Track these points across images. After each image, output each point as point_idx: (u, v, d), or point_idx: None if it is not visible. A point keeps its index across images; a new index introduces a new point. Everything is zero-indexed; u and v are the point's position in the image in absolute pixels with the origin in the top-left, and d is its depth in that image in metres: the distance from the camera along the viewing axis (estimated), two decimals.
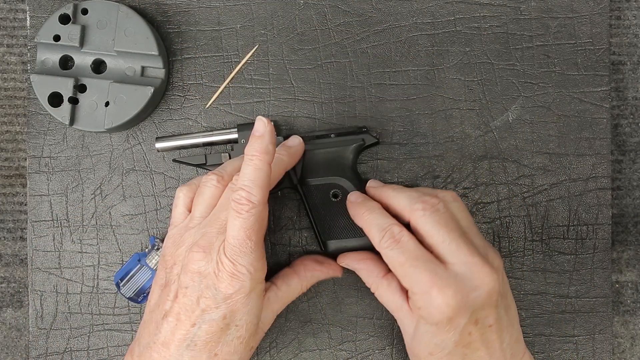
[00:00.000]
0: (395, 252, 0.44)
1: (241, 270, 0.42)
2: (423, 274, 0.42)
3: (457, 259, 0.42)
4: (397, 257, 0.43)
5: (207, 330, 0.42)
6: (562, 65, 0.54)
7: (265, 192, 0.42)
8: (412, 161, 0.54)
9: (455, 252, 0.43)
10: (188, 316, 0.42)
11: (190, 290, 0.43)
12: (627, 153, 0.58)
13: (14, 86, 0.58)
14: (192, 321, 0.42)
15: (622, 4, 0.57)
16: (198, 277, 0.42)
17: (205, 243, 0.43)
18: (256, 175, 0.42)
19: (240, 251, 0.41)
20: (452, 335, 0.42)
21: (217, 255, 0.42)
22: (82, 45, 0.51)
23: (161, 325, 0.43)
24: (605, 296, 0.54)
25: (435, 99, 0.54)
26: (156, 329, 0.44)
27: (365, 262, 0.48)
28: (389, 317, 0.54)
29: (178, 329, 0.43)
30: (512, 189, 0.54)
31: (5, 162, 0.58)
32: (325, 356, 0.54)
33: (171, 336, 0.43)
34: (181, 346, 0.42)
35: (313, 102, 0.54)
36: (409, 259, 0.43)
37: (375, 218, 0.46)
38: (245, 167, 0.42)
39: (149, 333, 0.44)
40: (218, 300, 0.42)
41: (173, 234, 0.47)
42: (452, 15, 0.54)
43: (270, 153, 0.43)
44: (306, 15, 0.54)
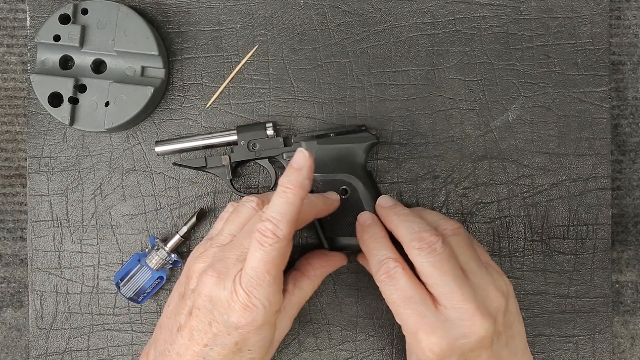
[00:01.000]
0: (388, 288, 0.44)
1: (255, 303, 0.40)
2: (411, 317, 0.42)
3: (450, 303, 0.42)
4: (389, 293, 0.44)
5: (219, 352, 0.42)
6: (562, 65, 0.54)
7: (292, 227, 0.41)
8: (412, 161, 0.54)
9: (447, 296, 0.42)
10: (201, 337, 0.42)
11: (202, 313, 0.42)
12: (627, 153, 0.58)
13: (14, 86, 0.58)
14: (204, 342, 0.42)
15: (622, 4, 0.57)
16: (210, 303, 0.42)
17: (221, 268, 0.42)
18: (286, 208, 0.40)
19: (257, 283, 0.40)
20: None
21: (232, 283, 0.41)
22: (82, 45, 0.51)
23: (176, 337, 0.43)
24: (605, 296, 0.54)
25: (435, 99, 0.54)
26: (171, 339, 0.44)
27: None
28: (389, 317, 0.54)
29: (191, 345, 0.42)
30: (512, 189, 0.54)
31: (5, 162, 0.58)
32: (325, 356, 0.54)
33: (185, 350, 0.43)
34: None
35: (313, 102, 0.54)
36: (400, 297, 0.43)
37: (374, 248, 0.46)
38: (276, 198, 0.41)
39: (165, 340, 0.44)
40: (229, 328, 0.41)
41: (200, 245, 0.46)
42: (452, 15, 0.54)
43: (305, 188, 0.41)
44: (306, 15, 0.54)
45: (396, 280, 0.43)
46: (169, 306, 0.46)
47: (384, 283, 0.44)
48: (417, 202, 0.54)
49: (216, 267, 0.42)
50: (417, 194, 0.54)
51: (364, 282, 0.54)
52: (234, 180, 0.53)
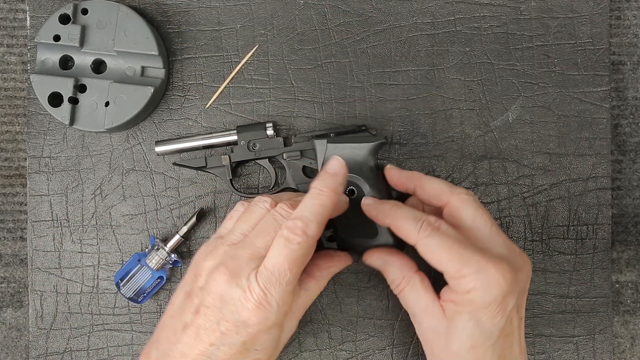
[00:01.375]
0: (437, 239, 0.43)
1: (270, 302, 0.40)
2: (475, 254, 0.42)
3: (497, 242, 0.44)
4: (441, 242, 0.43)
5: (226, 352, 0.41)
6: (562, 65, 0.54)
7: (320, 229, 0.41)
8: (412, 161, 0.54)
9: (494, 237, 0.44)
10: (208, 335, 0.42)
11: (211, 312, 0.42)
12: (627, 153, 0.58)
13: (14, 86, 0.58)
14: (211, 341, 0.41)
15: (622, 4, 0.57)
16: (220, 301, 0.41)
17: (233, 266, 0.42)
18: (319, 210, 0.41)
19: (276, 281, 0.40)
20: (499, 320, 0.42)
21: (246, 281, 0.41)
22: (82, 45, 0.51)
23: (180, 336, 0.43)
24: (605, 296, 0.54)
25: (435, 99, 0.54)
26: (175, 338, 0.43)
27: (397, 257, 0.47)
28: (389, 317, 0.54)
29: (197, 344, 0.42)
30: (512, 189, 0.54)
31: (5, 162, 0.58)
32: (325, 356, 0.54)
33: (190, 350, 0.42)
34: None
35: (313, 102, 0.54)
36: (456, 241, 0.43)
37: (405, 211, 0.45)
38: (310, 199, 0.42)
39: (168, 340, 0.43)
40: (239, 327, 0.41)
41: (209, 242, 0.46)
42: (452, 15, 0.54)
43: (338, 193, 0.42)
44: (306, 15, 0.54)
45: (443, 229, 0.43)
46: (173, 305, 0.45)
47: (431, 237, 0.43)
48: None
49: (228, 265, 0.42)
50: None
51: (364, 282, 0.54)
52: (234, 180, 0.53)
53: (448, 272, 0.43)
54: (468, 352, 0.43)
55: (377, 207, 0.47)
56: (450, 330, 0.44)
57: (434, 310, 0.44)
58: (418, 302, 0.45)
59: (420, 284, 0.45)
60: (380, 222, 0.47)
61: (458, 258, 0.42)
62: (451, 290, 0.44)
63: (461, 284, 0.42)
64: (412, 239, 0.44)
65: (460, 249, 0.42)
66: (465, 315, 0.43)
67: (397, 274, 0.47)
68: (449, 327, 0.44)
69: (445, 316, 0.44)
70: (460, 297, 0.43)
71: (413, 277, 0.46)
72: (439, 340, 0.44)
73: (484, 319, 0.42)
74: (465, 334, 0.43)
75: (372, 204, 0.48)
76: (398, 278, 0.46)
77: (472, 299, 0.42)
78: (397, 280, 0.46)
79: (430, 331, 0.45)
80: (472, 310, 0.42)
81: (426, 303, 0.45)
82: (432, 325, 0.45)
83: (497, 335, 0.43)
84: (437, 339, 0.44)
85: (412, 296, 0.46)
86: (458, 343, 0.43)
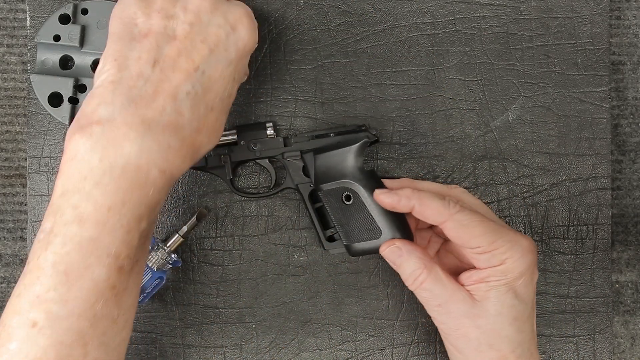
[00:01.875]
0: (467, 213, 0.43)
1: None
2: (503, 227, 0.44)
3: (502, 223, 0.46)
4: (472, 216, 0.43)
5: (211, 75, 0.39)
6: (562, 65, 0.54)
7: None
8: (412, 161, 0.54)
9: (497, 220, 0.47)
10: (189, 60, 0.39)
11: (195, 30, 0.39)
12: (627, 153, 0.58)
13: (14, 86, 0.58)
14: (195, 65, 0.39)
15: (622, 4, 0.57)
16: (207, 14, 0.40)
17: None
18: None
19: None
20: (532, 290, 0.44)
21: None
22: (82, 45, 0.51)
23: (150, 74, 0.38)
24: (605, 296, 0.54)
25: (435, 99, 0.54)
26: (142, 80, 0.38)
27: (416, 246, 0.46)
28: (389, 317, 0.54)
29: (175, 75, 0.39)
30: (512, 189, 0.54)
31: (5, 162, 0.58)
32: (325, 356, 0.54)
33: (163, 84, 0.38)
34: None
35: (313, 102, 0.54)
36: (484, 217, 0.44)
37: (427, 192, 0.45)
38: None
39: (131, 86, 0.38)
40: (229, 41, 0.40)
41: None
42: (452, 15, 0.54)
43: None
44: (306, 15, 0.54)
45: (466, 208, 0.44)
46: (115, 59, 0.39)
47: (461, 212, 0.43)
48: None
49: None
50: None
51: (364, 282, 0.54)
52: (234, 180, 0.53)
53: (482, 245, 0.43)
54: (511, 324, 0.43)
55: (396, 195, 0.45)
56: (486, 309, 0.43)
57: (462, 296, 0.44)
58: (444, 291, 0.44)
59: (442, 272, 0.45)
60: (403, 207, 0.45)
61: (491, 230, 0.43)
62: (478, 270, 0.44)
63: (495, 255, 0.43)
64: (442, 216, 0.43)
65: (488, 221, 0.43)
66: (502, 288, 0.43)
67: (418, 264, 0.45)
68: (484, 307, 0.43)
69: (475, 299, 0.43)
70: (493, 271, 0.43)
71: (434, 266, 0.45)
72: (476, 322, 0.43)
73: (519, 289, 0.43)
74: (506, 306, 0.43)
75: (388, 193, 0.46)
76: (419, 268, 0.45)
77: (506, 269, 0.42)
78: (418, 270, 0.45)
79: (463, 318, 0.44)
80: (507, 281, 0.43)
81: (452, 290, 0.44)
82: (463, 311, 0.44)
83: (531, 306, 0.44)
84: (473, 322, 0.44)
85: (436, 286, 0.44)
86: (500, 318, 0.43)
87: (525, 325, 0.44)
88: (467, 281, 0.44)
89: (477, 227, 0.43)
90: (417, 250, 0.46)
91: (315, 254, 0.54)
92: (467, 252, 0.44)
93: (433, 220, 0.44)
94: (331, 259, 0.54)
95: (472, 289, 0.44)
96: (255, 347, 0.54)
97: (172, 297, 0.53)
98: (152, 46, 0.39)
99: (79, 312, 0.36)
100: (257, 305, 0.54)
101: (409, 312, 0.54)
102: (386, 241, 0.47)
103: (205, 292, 0.54)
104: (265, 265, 0.54)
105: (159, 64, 0.39)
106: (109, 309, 0.37)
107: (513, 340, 0.43)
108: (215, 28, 0.40)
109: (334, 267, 0.54)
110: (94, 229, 0.36)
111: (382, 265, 0.54)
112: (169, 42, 0.39)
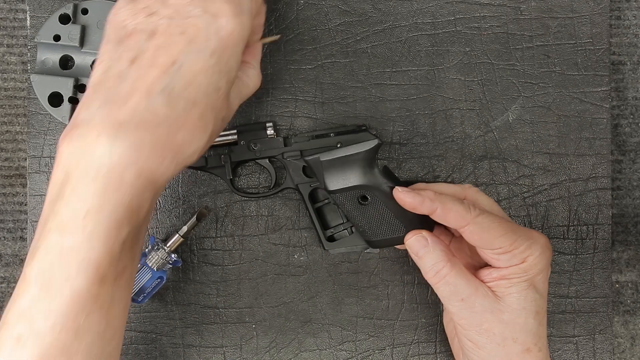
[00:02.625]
0: (487, 216, 0.44)
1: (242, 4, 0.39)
2: (519, 226, 0.45)
3: (513, 222, 0.47)
4: (492, 219, 0.44)
5: (190, 69, 0.37)
6: (562, 65, 0.54)
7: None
8: (412, 161, 0.54)
9: (508, 219, 0.48)
10: (167, 54, 0.37)
11: (175, 23, 0.38)
12: (627, 153, 0.58)
13: (14, 86, 0.58)
14: (173, 59, 0.37)
15: (622, 4, 0.57)
16: (185, 6, 0.38)
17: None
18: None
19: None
20: (547, 284, 0.45)
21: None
22: (82, 45, 0.51)
23: (127, 72, 0.37)
24: (605, 296, 0.54)
25: (435, 99, 0.54)
26: (119, 79, 0.37)
27: (441, 240, 0.46)
28: (389, 317, 0.54)
29: (152, 70, 0.37)
30: (512, 189, 0.54)
31: (5, 162, 0.58)
32: (325, 356, 0.54)
33: (142, 81, 0.37)
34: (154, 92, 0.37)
35: (313, 102, 0.54)
36: (501, 218, 0.44)
37: (448, 195, 0.45)
38: None
39: (110, 87, 0.37)
40: (209, 30, 0.38)
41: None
42: (452, 15, 0.54)
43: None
44: (306, 15, 0.54)
45: (484, 211, 0.45)
46: (102, 62, 0.39)
47: (482, 215, 0.43)
48: None
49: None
50: None
51: (364, 282, 0.54)
52: (234, 180, 0.53)
53: (503, 246, 0.43)
54: (534, 318, 0.44)
55: (419, 196, 0.45)
56: (509, 304, 0.44)
57: (484, 291, 0.44)
58: (468, 285, 0.44)
59: (464, 267, 0.45)
60: (425, 209, 0.44)
61: (511, 230, 0.43)
62: (499, 267, 0.44)
63: (516, 254, 0.43)
64: (464, 219, 0.44)
65: (507, 222, 0.44)
66: (524, 284, 0.44)
67: (442, 256, 0.44)
68: (506, 302, 0.44)
69: (497, 295, 0.44)
70: (514, 269, 0.44)
71: (457, 261, 0.45)
72: (499, 317, 0.44)
73: (539, 284, 0.44)
74: (529, 301, 0.44)
75: (409, 192, 0.45)
76: (443, 260, 0.44)
77: (528, 266, 0.43)
78: (442, 263, 0.44)
79: (487, 313, 0.44)
80: (528, 277, 0.44)
81: (475, 285, 0.44)
82: (486, 306, 0.44)
83: (546, 298, 0.45)
84: (497, 317, 0.44)
85: (460, 279, 0.44)
86: (524, 312, 0.44)
87: (544, 319, 0.45)
88: (487, 278, 0.45)
89: (497, 228, 0.43)
90: (441, 243, 0.46)
91: (315, 254, 0.54)
92: (486, 253, 0.45)
93: (454, 224, 0.44)
94: (331, 259, 0.54)
95: (492, 285, 0.44)
96: (255, 347, 0.54)
97: (172, 297, 0.54)
98: (133, 45, 0.38)
99: (62, 325, 0.35)
100: (257, 305, 0.54)
101: (409, 312, 0.54)
102: (413, 230, 0.47)
103: (205, 292, 0.54)
104: (265, 265, 0.54)
105: (136, 62, 0.37)
106: (93, 321, 0.36)
107: (536, 333, 0.44)
108: (194, 19, 0.38)
109: (334, 267, 0.54)
110: (73, 237, 0.35)
111: (382, 265, 0.54)
112: (149, 39, 0.38)
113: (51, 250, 0.35)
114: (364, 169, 0.49)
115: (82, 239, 0.35)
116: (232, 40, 0.39)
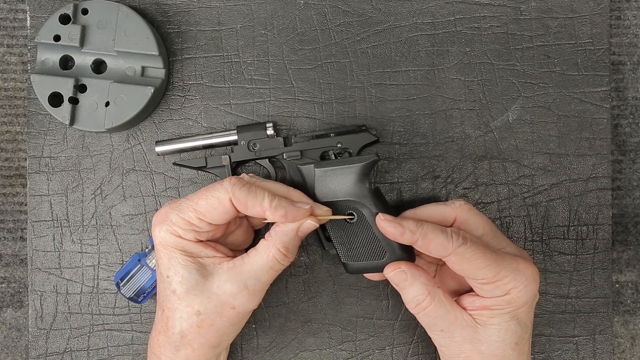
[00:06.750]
0: (470, 246, 0.42)
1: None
2: (506, 256, 0.43)
3: (505, 243, 0.46)
4: (475, 249, 0.42)
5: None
6: (562, 65, 0.54)
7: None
8: (412, 161, 0.54)
9: (501, 239, 0.46)
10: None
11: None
12: (627, 153, 0.58)
13: (14, 86, 0.58)
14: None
15: (622, 4, 0.57)
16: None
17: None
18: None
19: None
20: (532, 313, 0.45)
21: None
22: (82, 45, 0.51)
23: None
24: (605, 296, 0.54)
25: (435, 99, 0.54)
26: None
27: (422, 270, 0.45)
28: (389, 318, 0.54)
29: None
30: (512, 189, 0.54)
31: (5, 162, 0.58)
32: (325, 356, 0.54)
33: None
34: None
35: (313, 102, 0.54)
36: (485, 247, 0.43)
37: (431, 225, 0.44)
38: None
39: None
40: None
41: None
42: (452, 16, 0.54)
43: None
44: (306, 15, 0.54)
45: (469, 239, 0.44)
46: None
47: (464, 246, 0.43)
48: (417, 203, 0.54)
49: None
50: (417, 194, 0.54)
51: (364, 282, 0.54)
52: None
53: (486, 277, 0.43)
54: (513, 349, 0.44)
55: (400, 226, 0.44)
56: (489, 335, 0.44)
57: (465, 321, 0.44)
58: (447, 316, 0.44)
59: (445, 298, 0.44)
60: (406, 240, 0.44)
61: (494, 262, 0.42)
62: (482, 297, 0.44)
63: (499, 286, 0.43)
64: (445, 250, 0.43)
65: (492, 253, 0.43)
66: (506, 316, 0.43)
67: (421, 290, 0.44)
68: (487, 332, 0.43)
69: (478, 324, 0.44)
70: (497, 301, 0.43)
71: (437, 292, 0.44)
72: (478, 347, 0.44)
73: (522, 315, 0.44)
74: (509, 333, 0.43)
75: (391, 222, 0.44)
76: (423, 293, 0.44)
77: (512, 298, 0.43)
78: (422, 295, 0.44)
79: (465, 343, 0.44)
80: (511, 310, 0.43)
81: (455, 315, 0.44)
82: (466, 336, 0.44)
83: (530, 327, 0.45)
84: (476, 347, 0.44)
85: (440, 311, 0.44)
86: (502, 344, 0.43)
87: (524, 347, 0.45)
88: (470, 306, 0.44)
89: (480, 259, 0.42)
90: (422, 276, 0.45)
91: (315, 254, 0.54)
92: (471, 282, 0.44)
93: (436, 254, 0.44)
94: (331, 259, 0.54)
95: (474, 314, 0.44)
96: (255, 347, 0.54)
97: None
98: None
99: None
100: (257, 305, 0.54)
101: (409, 312, 0.54)
102: (392, 263, 0.46)
103: None
104: None
105: None
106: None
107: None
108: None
109: (334, 267, 0.54)
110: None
111: None
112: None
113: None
114: (356, 185, 0.48)
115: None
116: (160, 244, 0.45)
